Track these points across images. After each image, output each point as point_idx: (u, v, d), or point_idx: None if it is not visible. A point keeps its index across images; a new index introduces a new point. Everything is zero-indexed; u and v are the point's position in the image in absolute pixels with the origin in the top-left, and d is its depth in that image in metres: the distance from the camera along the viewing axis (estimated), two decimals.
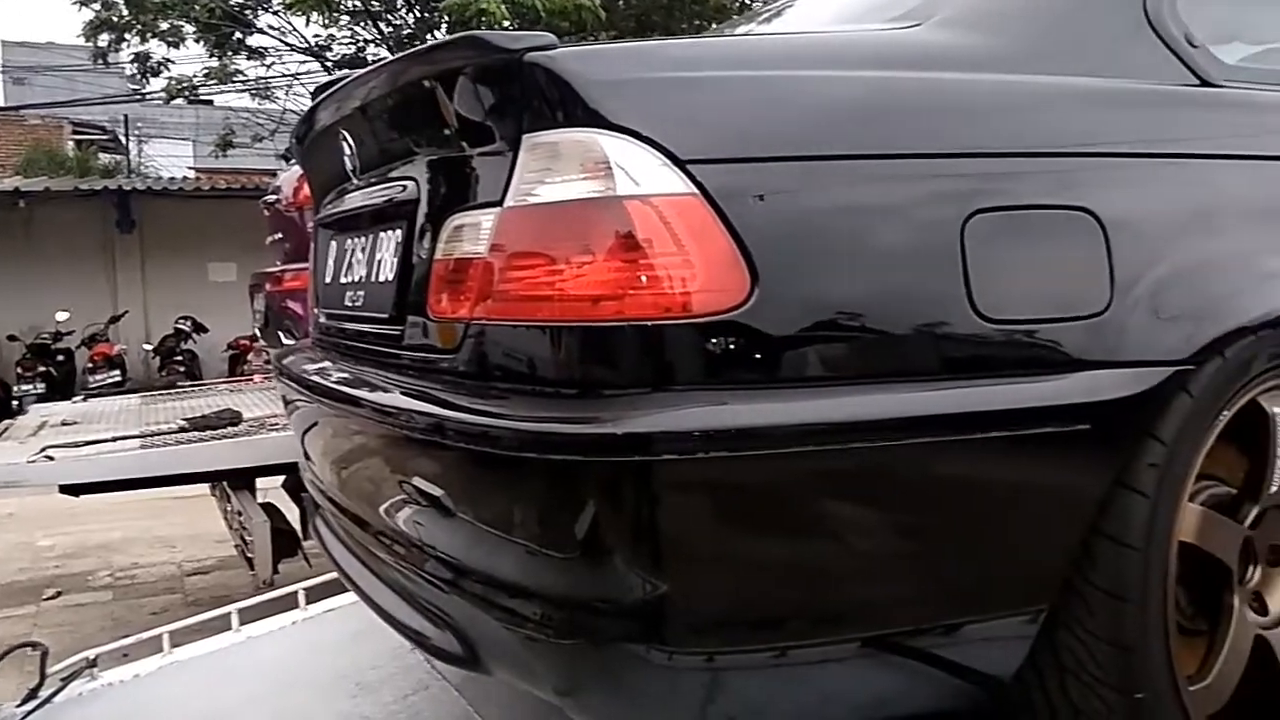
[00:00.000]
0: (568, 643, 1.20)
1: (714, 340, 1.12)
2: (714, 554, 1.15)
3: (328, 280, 1.91)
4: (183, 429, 3.86)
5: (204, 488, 4.35)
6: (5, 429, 4.39)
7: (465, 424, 1.20)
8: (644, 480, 1.10)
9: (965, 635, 1.28)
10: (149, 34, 12.06)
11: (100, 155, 20.24)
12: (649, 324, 1.13)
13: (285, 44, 12.52)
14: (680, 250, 1.14)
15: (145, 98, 15.00)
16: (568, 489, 1.13)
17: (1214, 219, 1.41)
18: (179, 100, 14.08)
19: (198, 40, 12.23)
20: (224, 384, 6.48)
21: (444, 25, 10.29)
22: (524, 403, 1.18)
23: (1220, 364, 1.31)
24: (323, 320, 1.94)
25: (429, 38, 10.36)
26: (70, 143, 19.95)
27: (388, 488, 1.49)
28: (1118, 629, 1.28)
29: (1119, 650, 1.28)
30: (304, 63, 12.68)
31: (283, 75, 12.81)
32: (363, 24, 12.09)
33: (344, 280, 1.78)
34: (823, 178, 1.22)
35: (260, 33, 12.38)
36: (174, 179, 15.03)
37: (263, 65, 12.78)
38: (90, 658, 2.28)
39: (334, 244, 1.90)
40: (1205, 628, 1.42)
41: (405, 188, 1.50)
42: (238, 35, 12.23)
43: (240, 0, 11.89)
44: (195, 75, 12.66)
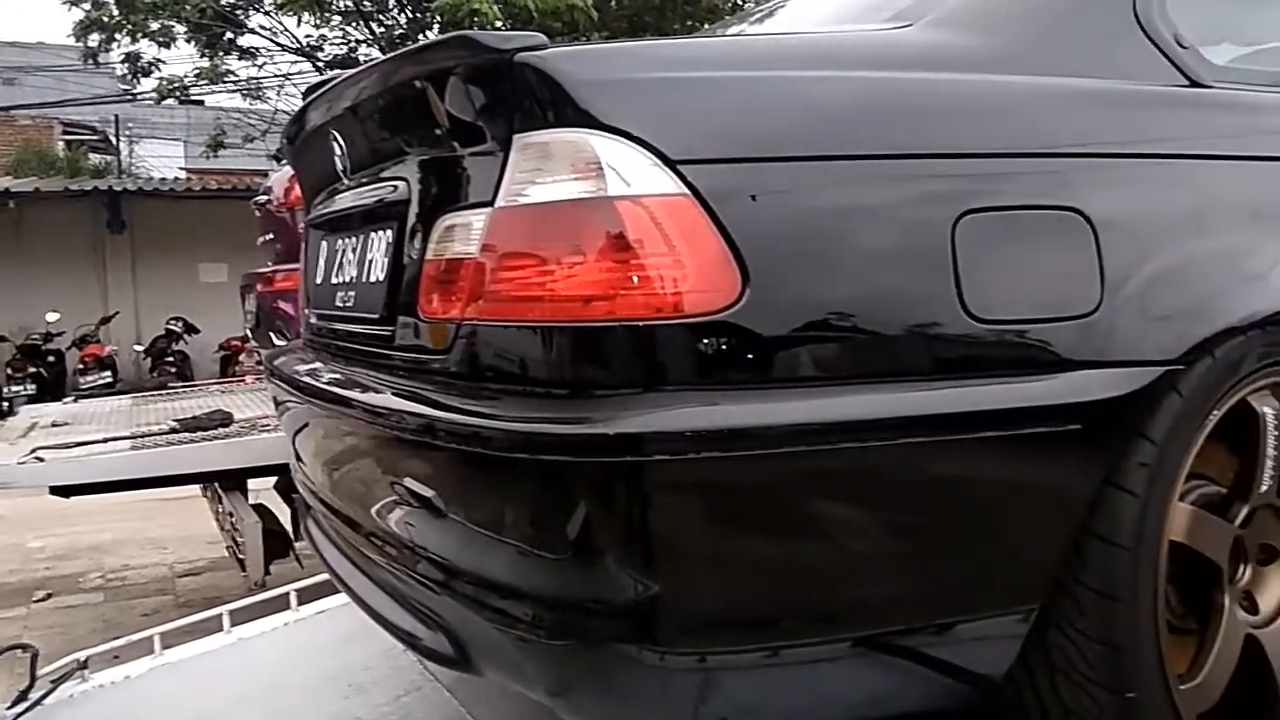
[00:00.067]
0: (559, 643, 1.19)
1: (705, 341, 1.12)
2: (706, 554, 1.15)
3: (319, 281, 1.90)
4: (174, 430, 3.84)
5: (195, 489, 4.33)
6: None
7: (456, 425, 1.19)
8: (635, 481, 1.10)
9: (957, 635, 1.28)
10: (139, 34, 12.05)
11: (91, 155, 20.14)
12: (640, 324, 1.13)
13: (276, 44, 12.52)
14: (671, 251, 1.14)
15: (136, 98, 14.96)
16: (559, 490, 1.13)
17: (1204, 219, 1.41)
18: (170, 100, 14.07)
19: (189, 40, 12.22)
20: (215, 385, 6.46)
21: (436, 25, 10.28)
22: (515, 403, 1.17)
23: (1210, 364, 1.32)
24: (314, 321, 1.93)
25: (421, 38, 10.34)
26: (61, 143, 19.86)
27: (379, 489, 1.49)
28: (1108, 628, 1.29)
29: (1110, 649, 1.29)
30: (295, 63, 12.68)
31: (274, 75, 12.81)
32: (354, 24, 12.08)
33: (335, 281, 1.77)
34: (814, 178, 1.22)
35: (251, 33, 12.38)
36: (165, 179, 15.00)
37: (254, 65, 12.78)
38: (81, 659, 2.27)
39: (325, 244, 1.89)
40: (1196, 627, 1.43)
41: (396, 188, 1.50)
42: (229, 35, 12.21)
43: (231, 0, 11.86)
44: (186, 75, 12.66)
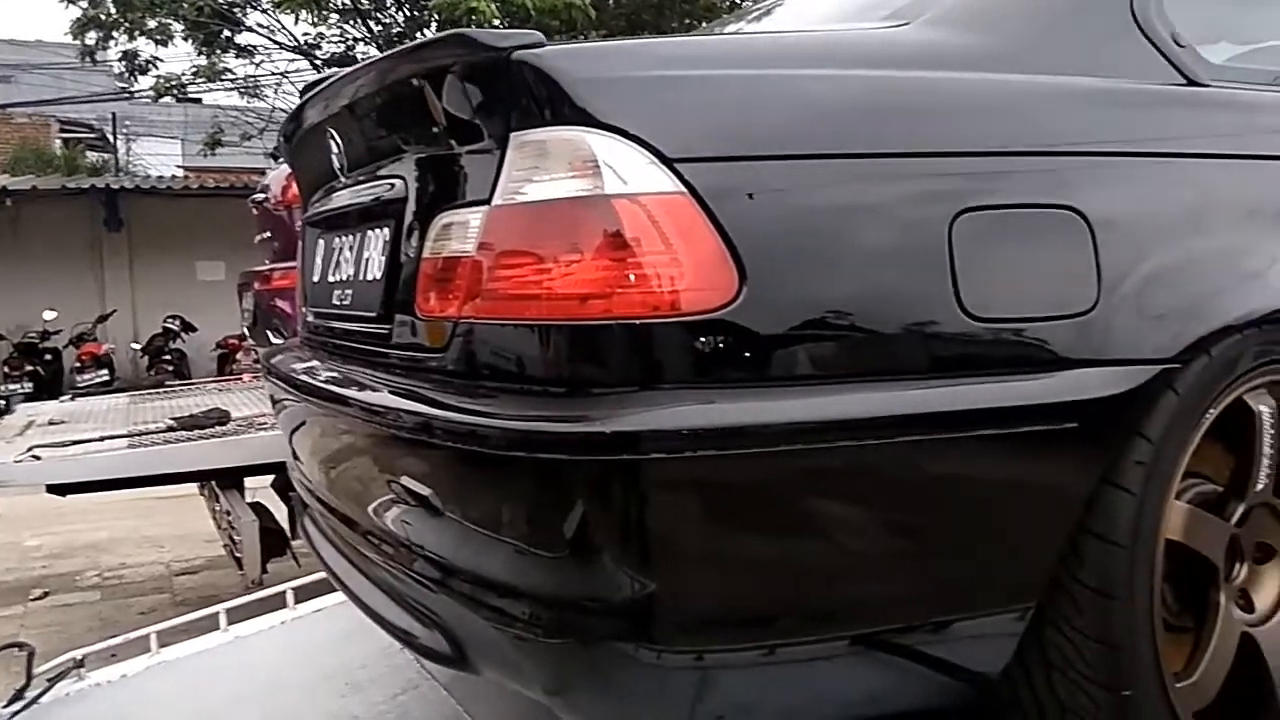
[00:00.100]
0: (556, 642, 1.19)
1: (702, 339, 1.12)
2: (702, 552, 1.15)
3: (316, 279, 1.90)
4: (171, 428, 3.84)
5: (192, 487, 4.33)
6: None
7: (453, 423, 1.19)
8: (632, 479, 1.10)
9: (953, 633, 1.28)
10: (137, 32, 12.05)
11: (88, 153, 20.16)
12: (637, 323, 1.13)
13: (274, 42, 12.53)
14: (668, 249, 1.14)
15: (133, 96, 14.94)
16: (556, 488, 1.13)
17: (1200, 218, 1.41)
18: (167, 98, 14.07)
19: (186, 38, 12.22)
20: (212, 383, 6.44)
21: (434, 23, 10.28)
22: (512, 401, 1.17)
23: (1206, 362, 1.32)
24: (311, 319, 1.93)
25: (418, 36, 10.33)
26: (58, 141, 19.87)
27: (376, 487, 1.49)
28: (1105, 626, 1.29)
29: (1106, 647, 1.29)
30: (293, 61, 12.69)
31: (272, 73, 12.80)
32: (352, 22, 12.08)
33: (332, 279, 1.77)
34: (811, 176, 1.22)
35: (249, 31, 12.37)
36: (162, 177, 14.97)
37: (251, 63, 12.78)
38: (78, 658, 2.27)
39: (322, 242, 1.89)
40: (1192, 625, 1.43)
41: (393, 186, 1.50)
42: (226, 33, 12.21)
43: None
44: (183, 73, 12.65)
